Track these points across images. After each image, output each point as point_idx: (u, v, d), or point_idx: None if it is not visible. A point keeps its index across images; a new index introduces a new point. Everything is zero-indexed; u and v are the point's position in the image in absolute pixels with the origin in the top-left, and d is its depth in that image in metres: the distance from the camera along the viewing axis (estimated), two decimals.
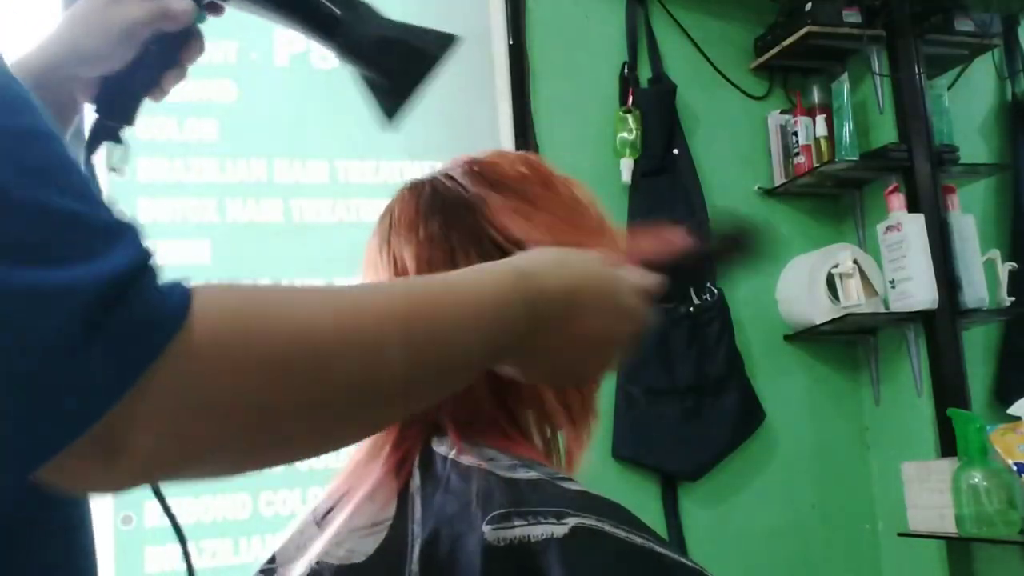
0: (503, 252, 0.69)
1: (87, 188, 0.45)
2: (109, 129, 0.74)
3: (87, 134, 0.75)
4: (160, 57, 0.77)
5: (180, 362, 0.42)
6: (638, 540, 0.59)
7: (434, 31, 0.78)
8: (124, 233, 0.44)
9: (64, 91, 0.74)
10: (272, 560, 0.73)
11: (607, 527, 0.59)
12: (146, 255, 0.44)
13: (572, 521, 0.59)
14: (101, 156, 0.74)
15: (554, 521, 0.59)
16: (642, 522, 0.61)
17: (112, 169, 0.74)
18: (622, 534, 0.59)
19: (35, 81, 0.70)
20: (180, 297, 0.44)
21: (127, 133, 0.76)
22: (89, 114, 0.76)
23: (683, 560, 0.61)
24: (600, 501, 0.62)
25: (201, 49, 0.79)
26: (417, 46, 0.78)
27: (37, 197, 0.42)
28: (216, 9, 0.80)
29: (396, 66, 0.78)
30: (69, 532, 0.58)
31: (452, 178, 0.76)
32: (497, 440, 0.69)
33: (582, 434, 0.75)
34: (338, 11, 0.76)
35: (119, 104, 0.76)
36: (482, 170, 0.76)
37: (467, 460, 0.67)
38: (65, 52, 0.73)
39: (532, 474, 0.64)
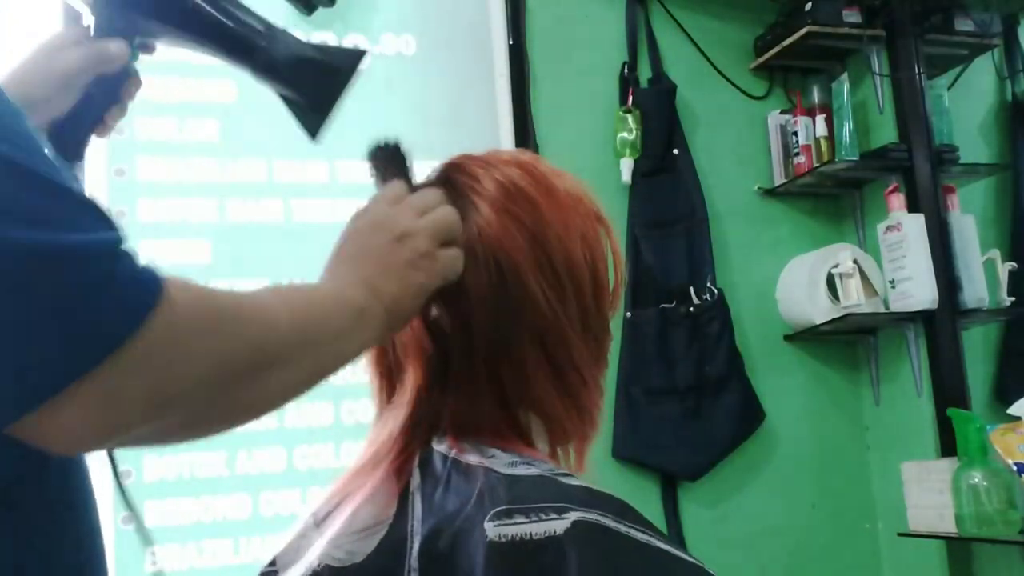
0: None
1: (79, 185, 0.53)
2: None
3: None
4: (102, 97, 0.83)
5: (164, 315, 0.50)
6: (639, 535, 0.59)
7: (343, 48, 0.83)
8: (106, 214, 0.52)
9: None
10: (273, 563, 0.73)
11: (609, 522, 0.59)
12: (123, 235, 0.52)
13: (574, 516, 0.59)
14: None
15: (556, 517, 0.59)
16: (644, 517, 0.62)
17: None
18: (623, 529, 0.59)
19: None
20: (153, 269, 0.52)
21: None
22: None
23: (683, 555, 0.61)
24: (602, 496, 0.62)
25: (139, 85, 0.86)
26: (330, 63, 0.83)
27: (50, 175, 0.50)
28: (148, 48, 0.85)
29: (312, 84, 0.84)
30: (72, 510, 0.60)
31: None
32: (497, 442, 0.69)
33: (588, 432, 0.76)
34: (254, 37, 0.81)
35: (67, 144, 0.81)
36: (466, 179, 0.76)
37: (467, 458, 0.67)
38: (17, 103, 0.77)
39: (533, 471, 0.65)
